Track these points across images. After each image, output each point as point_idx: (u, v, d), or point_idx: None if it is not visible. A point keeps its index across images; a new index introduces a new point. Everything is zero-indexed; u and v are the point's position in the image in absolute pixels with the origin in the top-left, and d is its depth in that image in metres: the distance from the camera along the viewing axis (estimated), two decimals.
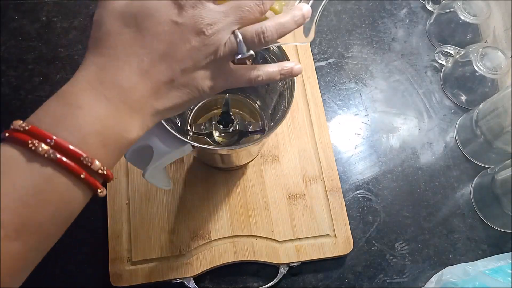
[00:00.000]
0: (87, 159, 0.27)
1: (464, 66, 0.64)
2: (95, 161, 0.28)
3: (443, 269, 0.55)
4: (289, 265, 0.55)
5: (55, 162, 0.26)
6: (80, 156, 0.27)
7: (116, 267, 0.53)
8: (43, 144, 0.26)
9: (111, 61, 0.29)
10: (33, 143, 0.26)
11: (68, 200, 0.28)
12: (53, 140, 0.26)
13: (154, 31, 0.30)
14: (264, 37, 0.32)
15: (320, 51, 0.70)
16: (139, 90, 0.30)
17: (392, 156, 0.64)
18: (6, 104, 0.63)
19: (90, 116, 0.28)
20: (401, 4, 0.75)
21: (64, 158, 0.26)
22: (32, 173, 0.26)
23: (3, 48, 0.66)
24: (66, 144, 0.26)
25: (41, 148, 0.26)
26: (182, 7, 0.30)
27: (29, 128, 0.27)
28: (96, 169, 0.28)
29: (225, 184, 0.58)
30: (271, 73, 0.35)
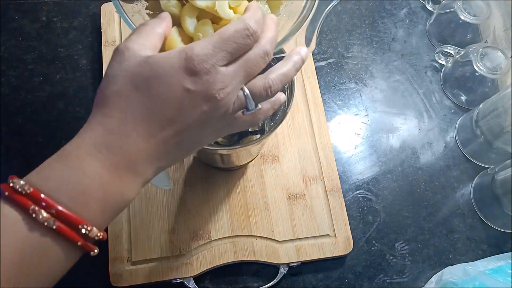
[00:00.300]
0: (86, 227, 0.27)
1: (464, 66, 0.64)
2: (93, 229, 0.28)
3: (443, 269, 0.55)
4: (289, 265, 0.55)
5: (54, 230, 0.27)
6: (79, 224, 0.27)
7: (116, 267, 0.53)
8: (43, 212, 0.26)
9: (119, 125, 0.29)
10: (34, 209, 0.26)
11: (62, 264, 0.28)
12: (54, 209, 0.27)
13: (164, 97, 0.29)
14: (271, 91, 0.33)
15: (320, 51, 0.70)
16: (145, 154, 0.30)
17: (392, 156, 0.64)
18: (6, 104, 0.63)
19: (94, 183, 0.28)
20: (401, 4, 0.75)
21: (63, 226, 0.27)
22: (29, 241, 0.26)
23: (3, 48, 0.66)
24: (67, 214, 0.27)
25: (41, 216, 0.26)
26: (196, 74, 0.29)
27: (30, 192, 0.27)
28: (93, 236, 0.28)
29: (225, 184, 0.58)
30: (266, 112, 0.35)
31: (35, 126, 0.61)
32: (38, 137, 0.60)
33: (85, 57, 0.66)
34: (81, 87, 0.64)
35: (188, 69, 0.29)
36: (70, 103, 0.63)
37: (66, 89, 0.64)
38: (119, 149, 0.29)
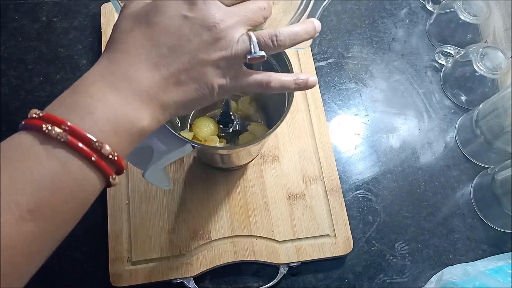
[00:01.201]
0: (98, 143, 0.28)
1: (464, 66, 0.64)
2: (105, 146, 0.28)
3: (443, 269, 0.55)
4: (289, 265, 0.55)
5: (68, 145, 0.27)
6: (91, 140, 0.27)
7: (116, 267, 0.53)
8: (56, 128, 0.27)
9: (121, 54, 0.31)
10: (47, 127, 0.27)
11: (82, 184, 0.28)
12: (66, 124, 0.27)
13: (163, 25, 0.31)
14: (277, 41, 0.33)
15: (320, 51, 0.70)
16: (147, 81, 0.30)
17: (392, 156, 0.64)
18: (6, 104, 0.63)
19: (101, 104, 0.29)
20: (401, 4, 0.75)
21: (76, 140, 0.27)
22: (46, 156, 0.27)
23: (3, 48, 0.66)
24: (77, 128, 0.27)
25: (54, 131, 0.27)
26: (194, 2, 0.30)
27: (43, 114, 0.28)
28: (107, 154, 0.28)
29: (225, 184, 0.58)
30: (284, 81, 0.35)
31: None
32: None
33: (85, 57, 0.66)
34: None
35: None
36: None
37: (66, 89, 0.64)
38: (123, 75, 0.30)
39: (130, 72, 0.30)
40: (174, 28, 0.30)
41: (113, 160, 0.29)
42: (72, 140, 0.27)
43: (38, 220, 0.26)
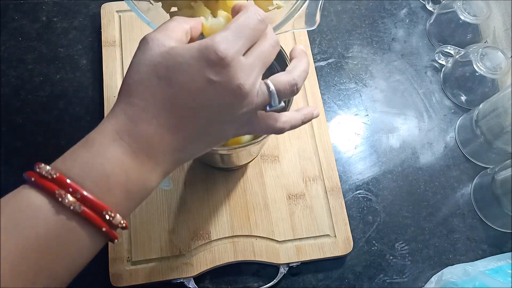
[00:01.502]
0: (110, 213, 0.28)
1: (464, 66, 0.64)
2: (117, 215, 0.28)
3: (443, 269, 0.55)
4: (289, 265, 0.55)
5: (80, 214, 0.27)
6: (103, 210, 0.27)
7: (116, 267, 0.53)
8: (69, 196, 0.27)
9: (140, 113, 0.29)
10: (60, 194, 0.27)
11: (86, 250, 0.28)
12: (79, 193, 0.27)
13: (186, 87, 0.29)
14: (297, 88, 0.33)
15: (320, 51, 0.70)
16: (165, 145, 0.30)
17: (392, 156, 0.64)
18: (6, 104, 0.63)
19: (117, 169, 0.28)
20: (401, 4, 0.75)
21: (89, 211, 0.27)
22: (55, 225, 0.27)
23: (3, 48, 0.66)
24: (92, 199, 0.27)
25: (67, 200, 0.26)
26: (218, 64, 0.29)
27: (56, 176, 0.27)
28: (117, 223, 0.28)
29: (225, 184, 0.58)
30: (294, 123, 0.35)
31: (35, 126, 0.61)
32: (38, 137, 0.60)
33: (85, 57, 0.66)
34: (81, 87, 0.64)
35: (210, 59, 0.29)
36: (70, 103, 0.63)
37: (66, 89, 0.64)
38: (140, 137, 0.29)
39: (148, 135, 0.29)
40: (198, 92, 0.29)
41: (122, 227, 0.29)
42: (85, 211, 0.27)
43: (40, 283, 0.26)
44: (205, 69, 0.29)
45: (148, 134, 0.29)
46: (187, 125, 0.30)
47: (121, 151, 0.29)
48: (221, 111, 0.30)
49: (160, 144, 0.30)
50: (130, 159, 0.29)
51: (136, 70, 0.30)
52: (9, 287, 0.25)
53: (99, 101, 0.63)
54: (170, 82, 0.29)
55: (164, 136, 0.30)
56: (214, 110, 0.30)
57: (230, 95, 0.30)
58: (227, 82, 0.29)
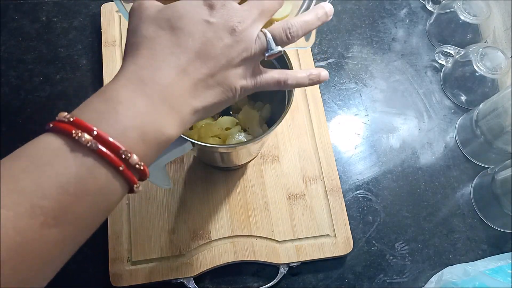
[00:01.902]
0: (126, 152, 0.28)
1: (464, 66, 0.64)
2: (133, 155, 0.28)
3: (443, 269, 0.55)
4: (289, 265, 0.55)
5: (96, 152, 0.27)
6: (119, 149, 0.27)
7: (116, 267, 0.53)
8: (86, 134, 0.27)
9: (149, 60, 0.30)
10: (77, 133, 0.27)
11: (106, 192, 0.28)
12: (95, 131, 0.27)
13: (188, 30, 0.31)
14: (291, 33, 0.34)
15: (320, 51, 0.70)
16: (178, 88, 0.31)
17: (392, 156, 0.64)
18: (6, 104, 0.63)
19: (130, 111, 0.29)
20: (401, 4, 0.75)
21: (105, 149, 0.27)
22: (74, 162, 0.27)
23: (3, 48, 0.66)
24: (106, 136, 0.27)
25: (84, 138, 0.27)
26: (213, 6, 0.31)
27: (73, 119, 0.28)
28: (134, 163, 0.28)
29: (225, 184, 0.58)
30: (299, 78, 0.37)
31: (35, 126, 0.61)
32: None
33: (85, 57, 0.66)
34: (81, 87, 0.64)
35: (206, 3, 0.31)
36: (70, 103, 0.63)
37: (66, 89, 0.64)
38: (152, 81, 0.30)
39: (160, 78, 0.30)
40: (199, 34, 0.31)
41: (139, 169, 0.29)
42: (100, 148, 0.27)
43: (61, 226, 0.26)
44: (202, 12, 0.31)
45: (160, 78, 0.30)
46: (195, 68, 0.31)
47: (134, 96, 0.29)
48: (222, 53, 0.32)
49: (171, 87, 0.30)
50: (143, 102, 0.29)
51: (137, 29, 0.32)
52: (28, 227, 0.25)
53: None
54: (172, 30, 0.31)
55: (175, 79, 0.30)
56: (216, 52, 0.31)
57: (227, 34, 0.31)
58: (222, 23, 0.31)
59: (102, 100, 0.29)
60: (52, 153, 0.27)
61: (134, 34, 0.32)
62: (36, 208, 0.25)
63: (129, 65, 0.31)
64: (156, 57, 0.31)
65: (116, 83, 0.30)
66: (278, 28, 0.34)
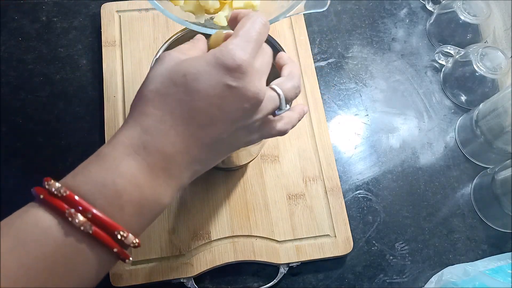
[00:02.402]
0: (122, 233, 0.27)
1: (464, 66, 0.64)
2: (129, 235, 0.27)
3: (443, 269, 0.55)
4: (289, 265, 0.55)
5: (90, 235, 0.26)
6: (116, 229, 0.26)
7: (116, 267, 0.53)
8: (80, 215, 0.26)
9: (156, 124, 0.28)
10: (70, 213, 0.26)
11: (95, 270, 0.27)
12: (90, 212, 0.26)
13: (204, 94, 0.29)
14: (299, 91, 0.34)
15: (320, 51, 0.70)
16: (182, 156, 0.29)
17: (392, 156, 0.64)
18: (6, 104, 0.63)
19: (130, 186, 0.27)
20: (401, 4, 0.75)
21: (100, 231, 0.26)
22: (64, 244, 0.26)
23: (3, 48, 0.66)
24: (104, 218, 0.26)
25: (77, 220, 0.25)
26: (237, 70, 0.29)
27: (66, 194, 0.26)
28: (129, 242, 0.27)
29: (225, 184, 0.58)
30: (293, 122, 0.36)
31: (35, 126, 0.61)
32: (38, 137, 0.60)
33: (85, 57, 0.66)
34: (81, 87, 0.64)
35: (228, 65, 0.28)
36: (70, 103, 0.63)
37: (66, 89, 0.64)
38: (156, 150, 0.28)
39: (165, 147, 0.28)
40: (216, 99, 0.29)
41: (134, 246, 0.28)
42: (96, 231, 0.26)
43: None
44: (223, 75, 0.28)
45: (165, 146, 0.28)
46: (205, 133, 0.29)
47: (135, 167, 0.28)
48: (238, 117, 0.30)
49: (177, 156, 0.29)
50: (145, 174, 0.28)
51: (152, 80, 0.30)
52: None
53: (99, 101, 0.63)
54: (187, 89, 0.29)
55: (181, 148, 0.29)
56: (232, 116, 0.30)
57: (248, 100, 0.29)
58: (246, 88, 0.29)
59: (102, 170, 0.27)
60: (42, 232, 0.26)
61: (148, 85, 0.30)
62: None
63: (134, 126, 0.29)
64: (164, 121, 0.28)
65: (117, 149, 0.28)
66: (290, 88, 0.33)
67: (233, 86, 0.29)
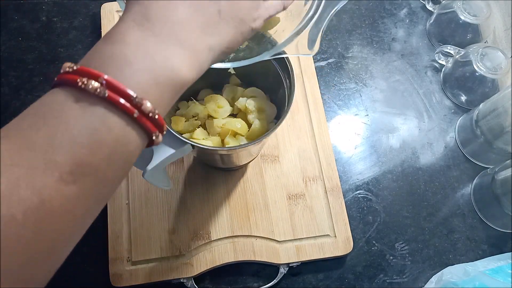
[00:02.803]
0: (137, 99, 0.25)
1: (464, 66, 0.64)
2: (146, 102, 0.26)
3: (443, 269, 0.55)
4: (289, 265, 0.55)
5: (106, 100, 0.25)
6: (131, 95, 0.25)
7: (116, 267, 0.53)
8: (93, 82, 0.25)
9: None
10: (83, 81, 0.25)
11: (123, 142, 0.26)
12: (103, 78, 0.25)
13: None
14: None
15: (320, 51, 0.70)
16: (189, 25, 0.28)
17: (392, 156, 0.64)
18: (6, 104, 0.63)
19: (138, 52, 0.26)
20: (401, 4, 0.75)
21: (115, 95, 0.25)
22: (84, 112, 0.25)
23: (3, 48, 0.66)
24: (115, 82, 0.25)
25: (91, 86, 0.24)
26: None
27: (78, 68, 0.25)
28: (147, 111, 0.26)
29: (225, 184, 0.58)
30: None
31: None
32: None
33: None
34: None
35: None
36: None
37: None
38: (160, 19, 0.27)
39: (169, 15, 0.28)
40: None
41: (153, 118, 0.26)
42: (111, 95, 0.25)
43: (79, 181, 0.24)
44: None
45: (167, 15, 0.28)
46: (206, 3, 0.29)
47: (141, 35, 0.27)
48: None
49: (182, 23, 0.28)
50: (152, 42, 0.27)
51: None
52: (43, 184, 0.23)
53: None
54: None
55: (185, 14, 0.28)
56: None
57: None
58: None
59: (108, 44, 0.27)
60: (59, 107, 0.25)
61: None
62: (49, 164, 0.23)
63: (132, 6, 0.28)
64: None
65: (121, 26, 0.28)
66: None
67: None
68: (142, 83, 0.26)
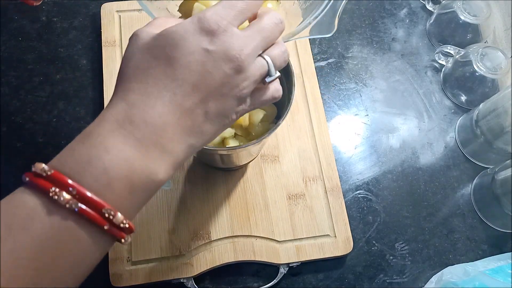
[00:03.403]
0: (109, 211, 0.26)
1: (464, 66, 0.64)
2: (117, 214, 0.26)
3: (443, 269, 0.55)
4: (289, 265, 0.55)
5: (77, 213, 0.25)
6: (102, 207, 0.25)
7: (116, 267, 0.53)
8: (65, 193, 0.25)
9: (141, 96, 0.28)
10: (55, 191, 0.25)
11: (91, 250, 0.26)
12: (74, 189, 0.25)
13: (184, 61, 0.28)
14: (288, 56, 0.33)
15: (320, 51, 0.70)
16: (172, 127, 0.28)
17: (392, 156, 0.64)
18: (6, 104, 0.63)
19: (117, 160, 0.26)
20: (401, 4, 0.75)
21: (86, 208, 0.25)
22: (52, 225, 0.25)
23: (3, 48, 0.66)
24: (88, 196, 0.25)
25: (62, 198, 0.25)
26: (213, 33, 0.28)
27: (51, 173, 0.25)
28: (118, 222, 0.26)
29: (225, 184, 0.58)
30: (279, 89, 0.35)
31: (35, 126, 0.61)
32: (38, 137, 0.60)
33: (85, 57, 0.66)
34: (81, 87, 0.64)
35: (204, 29, 0.28)
36: (70, 103, 0.63)
37: (66, 89, 0.64)
38: (144, 123, 0.27)
39: (152, 119, 0.27)
40: (196, 64, 0.28)
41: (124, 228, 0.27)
42: (82, 210, 0.25)
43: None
44: (201, 40, 0.28)
45: (152, 118, 0.27)
46: (191, 101, 0.28)
47: (122, 141, 0.27)
48: (222, 83, 0.29)
49: (166, 128, 0.28)
50: (133, 148, 0.27)
51: (130, 58, 0.29)
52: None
53: (99, 101, 0.63)
54: (168, 60, 0.28)
55: (169, 119, 0.28)
56: (215, 83, 0.29)
57: (227, 64, 0.29)
58: (223, 51, 0.29)
59: (86, 147, 0.27)
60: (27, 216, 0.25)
61: (127, 63, 0.29)
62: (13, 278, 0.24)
63: (119, 102, 0.28)
64: (149, 93, 0.28)
65: (103, 126, 0.27)
66: (278, 53, 0.32)
67: (210, 50, 0.28)
68: (117, 193, 0.26)
